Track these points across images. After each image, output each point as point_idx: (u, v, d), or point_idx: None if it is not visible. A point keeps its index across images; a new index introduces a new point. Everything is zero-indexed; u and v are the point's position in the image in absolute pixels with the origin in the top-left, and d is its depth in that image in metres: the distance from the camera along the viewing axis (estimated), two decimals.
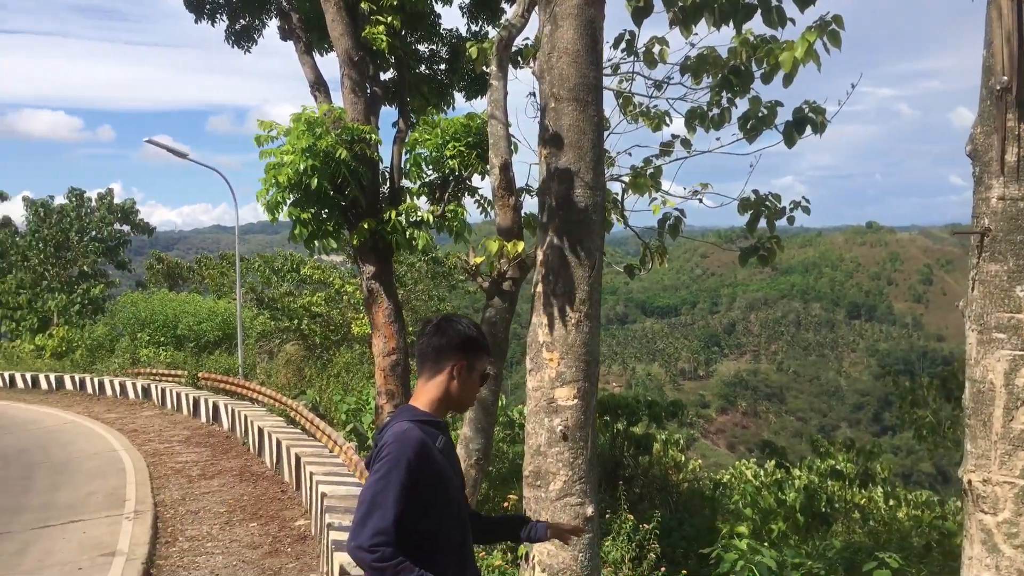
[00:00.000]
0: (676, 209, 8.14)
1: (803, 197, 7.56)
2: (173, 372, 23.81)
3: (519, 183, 8.93)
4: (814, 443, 18.72)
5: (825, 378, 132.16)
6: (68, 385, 26.42)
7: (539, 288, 5.00)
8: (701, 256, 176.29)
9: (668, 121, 8.40)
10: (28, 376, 27.89)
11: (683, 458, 17.92)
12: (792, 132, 7.01)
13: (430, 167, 11.12)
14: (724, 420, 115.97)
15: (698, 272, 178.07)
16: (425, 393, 2.96)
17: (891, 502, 15.12)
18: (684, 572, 9.23)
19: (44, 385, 27.07)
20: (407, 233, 11.13)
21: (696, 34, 6.92)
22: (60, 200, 40.02)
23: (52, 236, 38.02)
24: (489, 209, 11.21)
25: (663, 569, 8.72)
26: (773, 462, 16.85)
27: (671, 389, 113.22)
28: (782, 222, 7.94)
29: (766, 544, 9.45)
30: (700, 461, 20.41)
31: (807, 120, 6.96)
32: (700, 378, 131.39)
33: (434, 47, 13.97)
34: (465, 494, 3.09)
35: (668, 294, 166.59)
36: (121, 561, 8.74)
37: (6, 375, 28.65)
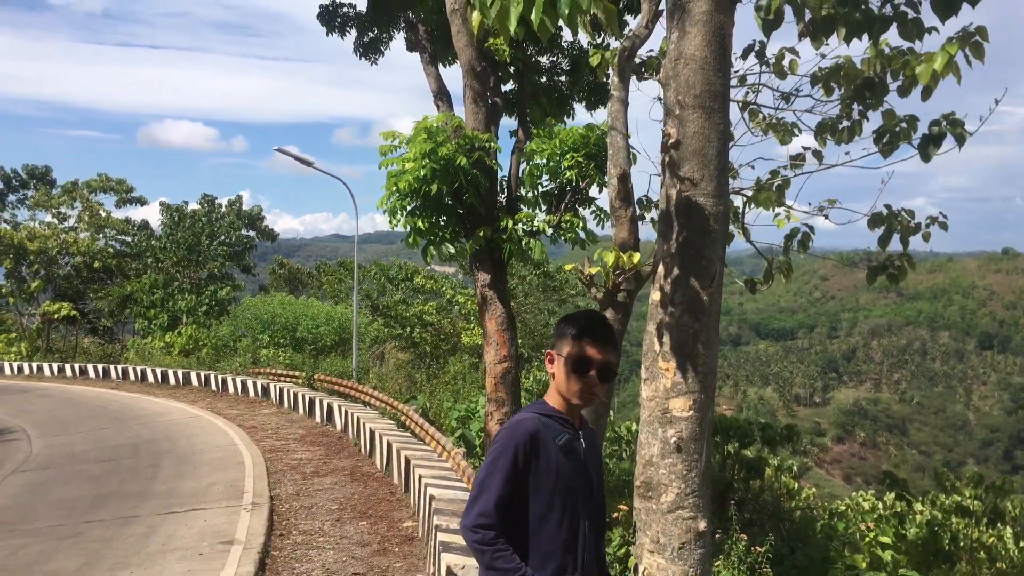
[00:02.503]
0: (805, 225, 7.86)
1: (940, 213, 7.12)
2: (291, 373, 24.60)
3: (636, 195, 8.83)
4: (939, 477, 17.78)
5: (952, 411, 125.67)
6: (194, 381, 27.70)
7: (656, 296, 4.90)
8: (821, 278, 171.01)
9: (797, 133, 8.15)
10: (158, 371, 29.42)
11: (796, 485, 17.33)
12: (928, 145, 6.66)
13: (547, 177, 11.15)
14: (840, 450, 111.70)
15: (817, 295, 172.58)
16: (551, 389, 3.02)
17: (1022, 543, 14.19)
18: None
19: (172, 380, 28.47)
20: (523, 242, 11.18)
21: (827, 44, 6.69)
22: (193, 206, 42.13)
23: (184, 239, 39.91)
24: (605, 220, 11.13)
25: None
26: (893, 494, 16.06)
27: (784, 414, 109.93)
28: (912, 244, 7.56)
29: None
30: (814, 490, 19.72)
31: (945, 133, 6.61)
32: (816, 404, 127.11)
33: (555, 59, 14.03)
34: (593, 496, 2.99)
35: (784, 316, 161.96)
36: (239, 550, 9.07)
37: (138, 370, 30.29)
